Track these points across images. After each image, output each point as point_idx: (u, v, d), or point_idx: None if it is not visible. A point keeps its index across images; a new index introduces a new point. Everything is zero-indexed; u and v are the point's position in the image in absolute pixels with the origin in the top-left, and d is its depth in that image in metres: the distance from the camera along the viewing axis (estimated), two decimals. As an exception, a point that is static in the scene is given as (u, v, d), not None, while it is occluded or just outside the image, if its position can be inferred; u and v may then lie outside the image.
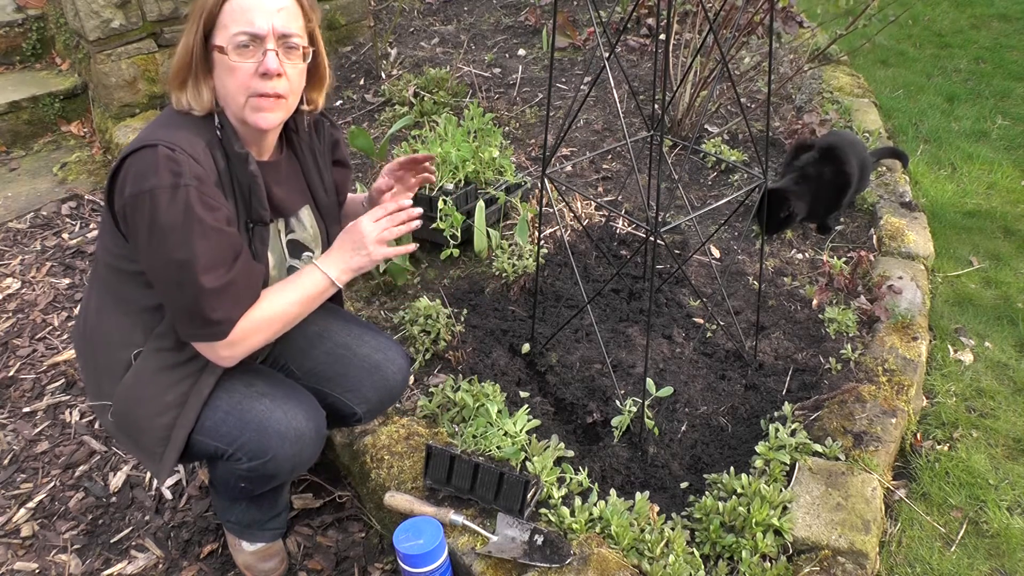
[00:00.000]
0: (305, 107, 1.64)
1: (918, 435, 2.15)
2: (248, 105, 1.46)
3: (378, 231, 1.57)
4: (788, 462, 1.87)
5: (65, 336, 2.69)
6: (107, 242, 1.54)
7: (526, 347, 2.28)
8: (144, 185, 1.37)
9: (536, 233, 2.53)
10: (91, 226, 3.29)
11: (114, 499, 2.10)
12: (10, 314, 2.80)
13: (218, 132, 1.48)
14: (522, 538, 1.67)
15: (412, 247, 1.68)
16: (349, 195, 1.93)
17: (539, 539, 1.65)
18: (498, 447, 1.84)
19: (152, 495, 2.10)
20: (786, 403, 2.05)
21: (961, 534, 1.88)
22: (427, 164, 1.80)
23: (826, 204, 2.76)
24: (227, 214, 1.45)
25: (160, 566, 1.92)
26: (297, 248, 1.70)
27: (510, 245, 2.62)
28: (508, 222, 2.82)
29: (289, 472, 1.63)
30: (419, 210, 1.63)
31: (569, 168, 3.24)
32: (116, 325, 1.57)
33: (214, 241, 1.40)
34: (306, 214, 1.70)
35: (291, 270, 1.69)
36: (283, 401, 1.58)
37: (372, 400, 1.81)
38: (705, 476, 1.90)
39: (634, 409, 1.99)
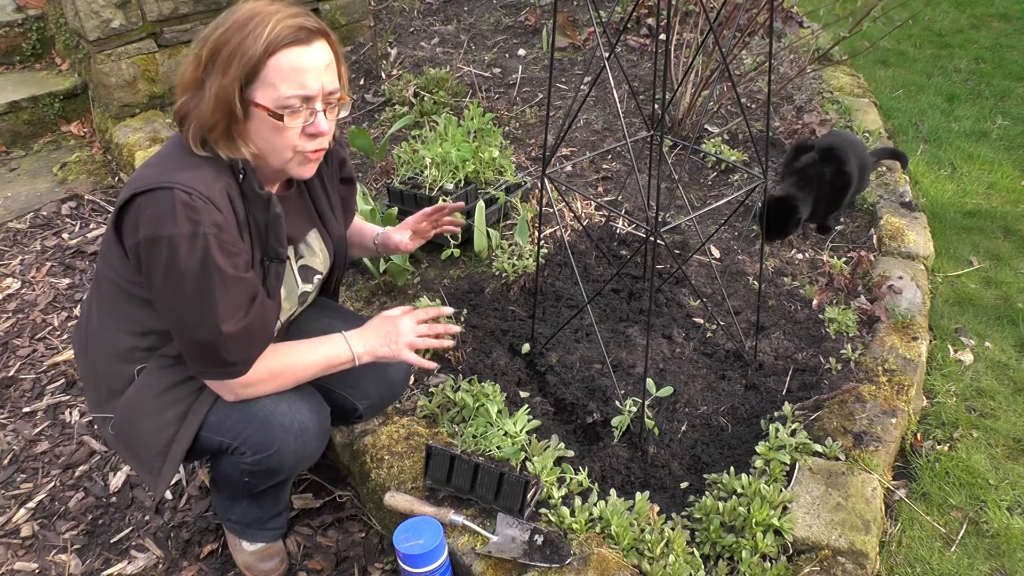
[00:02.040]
0: None
1: (918, 435, 2.15)
2: (294, 160, 1.46)
3: (414, 335, 1.63)
4: (788, 462, 1.87)
5: (65, 336, 2.69)
6: (113, 263, 1.51)
7: (526, 347, 2.28)
8: (161, 231, 1.35)
9: (536, 233, 2.53)
10: (91, 226, 3.29)
11: (114, 499, 2.10)
12: (10, 314, 2.80)
13: (240, 176, 1.44)
14: (522, 538, 1.67)
15: (435, 365, 1.71)
16: (366, 225, 1.98)
17: (539, 539, 1.65)
18: (498, 447, 1.84)
19: (152, 495, 2.10)
20: (786, 403, 2.05)
21: (961, 534, 1.88)
22: (450, 216, 1.86)
23: (826, 204, 2.76)
24: (246, 259, 1.44)
25: (160, 566, 1.92)
26: (309, 273, 1.71)
27: (510, 245, 2.62)
28: (508, 222, 2.82)
29: (293, 466, 1.63)
30: (458, 328, 1.71)
31: (569, 168, 3.24)
32: (119, 342, 1.56)
33: (232, 289, 1.40)
34: (313, 237, 1.70)
35: (303, 296, 1.70)
36: (288, 395, 1.58)
37: (373, 396, 1.82)
38: (705, 476, 1.90)
39: (634, 409, 1.99)
